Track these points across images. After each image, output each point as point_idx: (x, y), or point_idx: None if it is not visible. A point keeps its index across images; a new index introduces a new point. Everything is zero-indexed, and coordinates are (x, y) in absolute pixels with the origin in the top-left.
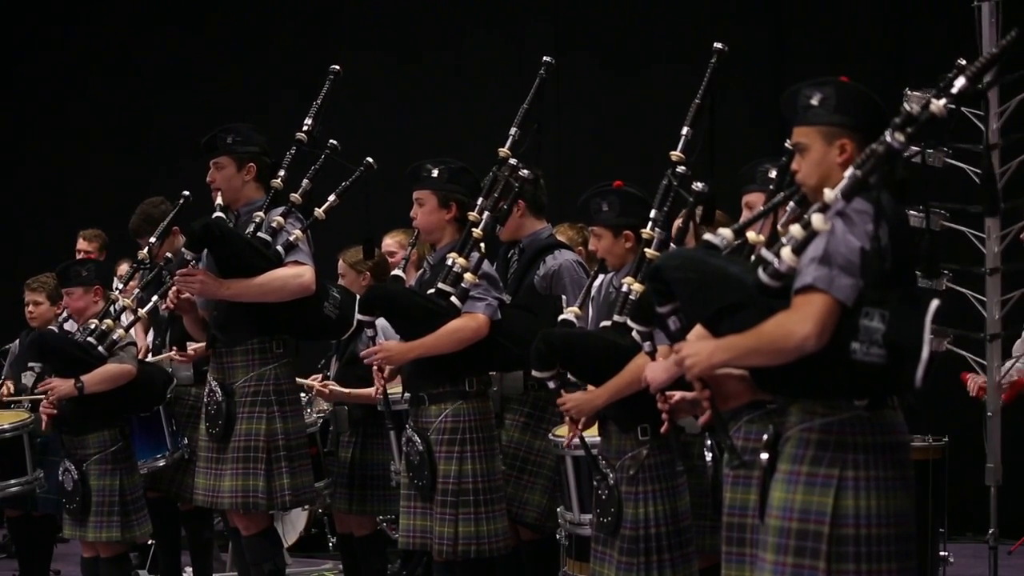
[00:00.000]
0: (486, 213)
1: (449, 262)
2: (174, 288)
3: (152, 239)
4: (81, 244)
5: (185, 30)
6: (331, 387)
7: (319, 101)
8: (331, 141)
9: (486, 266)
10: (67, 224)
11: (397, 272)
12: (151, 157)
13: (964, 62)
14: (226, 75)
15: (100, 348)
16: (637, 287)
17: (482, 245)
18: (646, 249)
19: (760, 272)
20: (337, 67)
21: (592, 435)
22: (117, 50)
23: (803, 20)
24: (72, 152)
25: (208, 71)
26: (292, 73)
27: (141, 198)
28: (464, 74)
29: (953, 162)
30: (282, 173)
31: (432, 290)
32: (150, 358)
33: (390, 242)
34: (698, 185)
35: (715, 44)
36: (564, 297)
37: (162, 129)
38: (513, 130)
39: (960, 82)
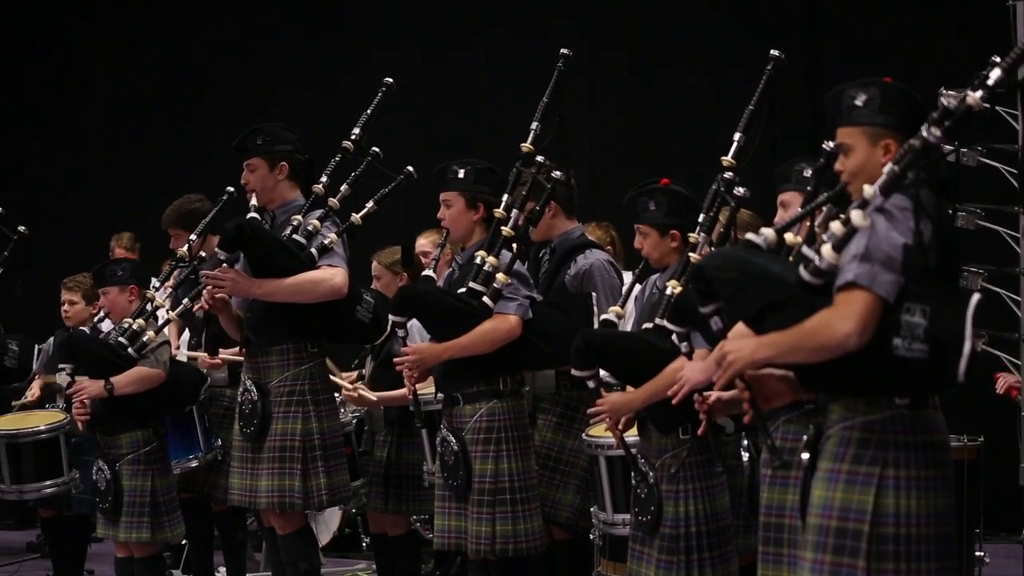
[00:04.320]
0: (514, 211)
1: (479, 261)
2: (208, 288)
3: (192, 236)
4: (113, 245)
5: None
6: (360, 392)
7: (369, 112)
8: (373, 148)
9: (517, 265)
10: (103, 224)
11: (428, 272)
12: (185, 157)
13: (998, 58)
14: (249, 73)
15: (130, 349)
16: (680, 290)
17: (514, 245)
18: (690, 253)
19: (802, 270)
20: (391, 80)
21: (632, 435)
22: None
23: (837, 24)
24: (108, 152)
25: (232, 70)
26: (318, 69)
27: (176, 198)
28: (491, 74)
29: (988, 161)
30: (324, 179)
31: (463, 289)
32: (184, 358)
33: (424, 242)
34: (740, 190)
35: (772, 51)
36: (595, 294)
37: (197, 128)
38: (535, 124)
39: (995, 74)
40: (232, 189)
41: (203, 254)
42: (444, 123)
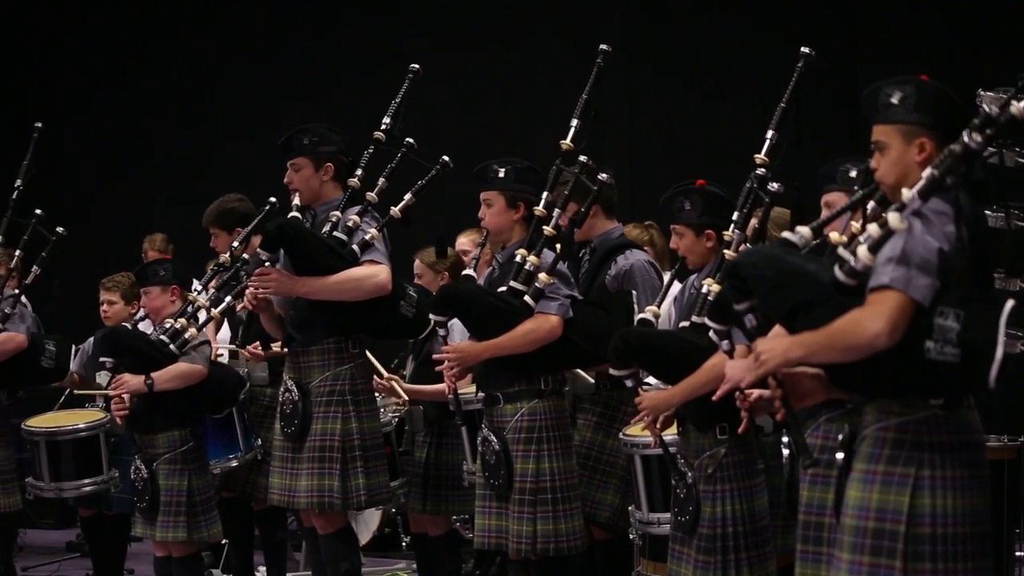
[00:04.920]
0: (555, 210)
1: (519, 259)
2: (251, 287)
3: (235, 243)
4: (146, 247)
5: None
6: (393, 383)
7: (398, 100)
8: (407, 139)
9: (558, 264)
10: (139, 224)
11: (468, 271)
12: (222, 158)
13: None
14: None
15: (172, 346)
16: (716, 288)
17: (558, 245)
18: (726, 251)
19: (836, 270)
20: (416, 66)
21: (670, 434)
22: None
23: (874, 22)
24: (145, 152)
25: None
26: (359, 65)
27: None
28: (531, 72)
29: None
30: (359, 172)
31: (504, 288)
32: (224, 357)
33: (464, 241)
34: (774, 186)
35: (802, 49)
36: (635, 293)
37: (235, 129)
38: (574, 122)
39: None
40: (274, 200)
41: (246, 255)
42: (482, 120)
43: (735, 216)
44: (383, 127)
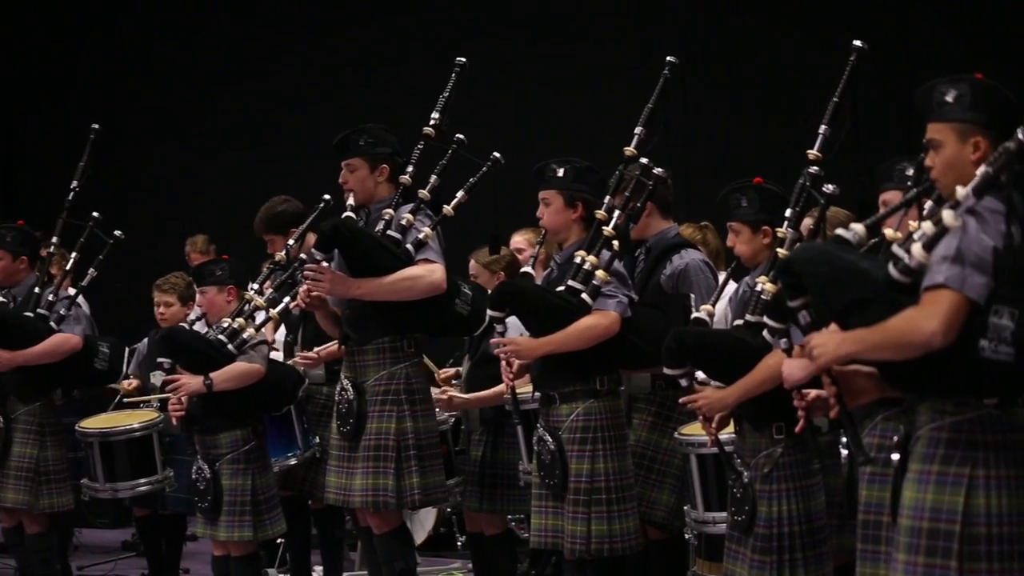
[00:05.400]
0: (616, 211)
1: (578, 260)
2: (304, 287)
3: (290, 241)
4: (188, 249)
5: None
6: (450, 394)
7: (446, 94)
8: (457, 135)
9: (616, 264)
10: (188, 225)
11: (526, 269)
12: (270, 159)
13: None
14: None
15: (230, 346)
16: (770, 287)
17: (614, 243)
18: (779, 250)
19: (890, 267)
20: (463, 59)
21: (726, 433)
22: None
23: (929, 19)
24: (200, 152)
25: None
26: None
27: (264, 199)
28: (591, 72)
29: None
30: (410, 169)
31: (562, 287)
32: (280, 357)
33: (518, 239)
34: (828, 187)
35: (854, 42)
36: (693, 295)
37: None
38: (638, 129)
39: None
40: (328, 197)
41: (303, 256)
42: (544, 121)
43: (788, 213)
44: (432, 122)
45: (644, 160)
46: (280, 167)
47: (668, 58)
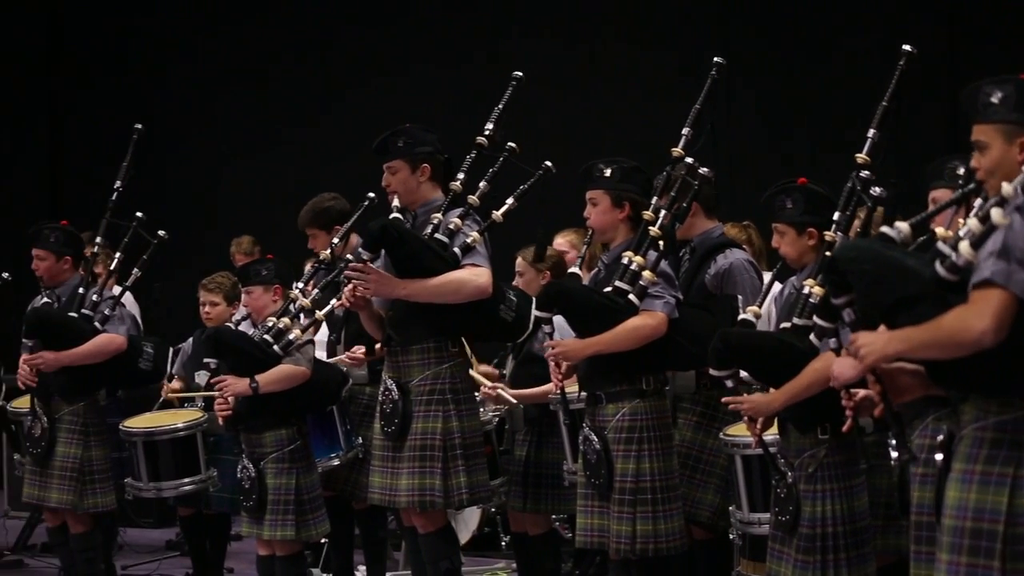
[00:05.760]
0: (662, 212)
1: (625, 260)
2: (349, 286)
3: (335, 240)
4: (233, 250)
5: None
6: (499, 390)
7: (501, 107)
8: (509, 143)
9: (663, 264)
10: (232, 226)
11: (574, 270)
12: (314, 158)
13: None
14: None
15: (276, 347)
16: (818, 290)
17: (660, 243)
18: (827, 252)
19: (937, 265)
20: (520, 74)
21: (770, 434)
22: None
23: (975, 20)
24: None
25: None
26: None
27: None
28: (635, 72)
29: None
30: (461, 176)
31: (609, 288)
32: (323, 357)
33: (561, 241)
34: (876, 189)
35: (903, 47)
36: (740, 297)
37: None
38: (686, 130)
39: None
40: (373, 195)
41: (349, 256)
42: (589, 122)
43: (836, 216)
44: (486, 133)
45: (689, 160)
46: (326, 166)
47: (715, 59)
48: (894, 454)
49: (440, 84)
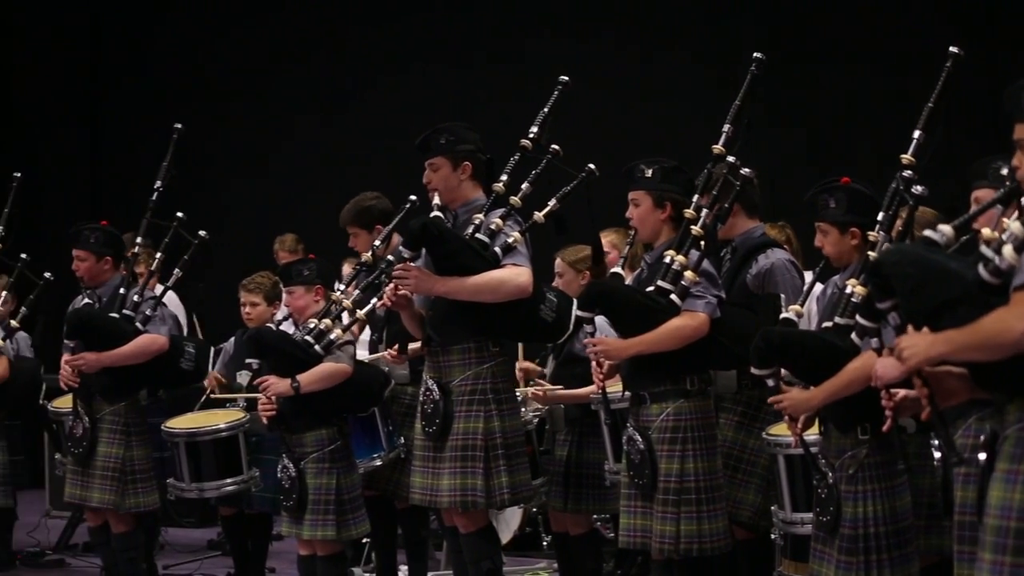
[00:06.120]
0: (704, 211)
1: (667, 260)
2: (391, 285)
3: (376, 242)
4: (276, 248)
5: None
6: (546, 388)
7: (546, 110)
8: (553, 146)
9: (705, 264)
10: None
11: (616, 270)
12: (353, 159)
13: None
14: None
15: (317, 347)
16: (860, 289)
17: (702, 243)
18: (870, 252)
19: (980, 268)
20: (567, 78)
21: (812, 434)
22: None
23: (1016, 19)
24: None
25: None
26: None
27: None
28: (677, 71)
29: None
30: (504, 178)
31: (651, 288)
32: (366, 357)
33: (604, 241)
34: (918, 188)
35: (951, 48)
36: (783, 296)
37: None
38: (726, 127)
39: None
40: (415, 197)
41: (390, 257)
42: (631, 122)
43: (880, 216)
44: (530, 136)
45: (731, 159)
46: (368, 165)
47: (755, 55)
48: (937, 454)
49: (484, 81)
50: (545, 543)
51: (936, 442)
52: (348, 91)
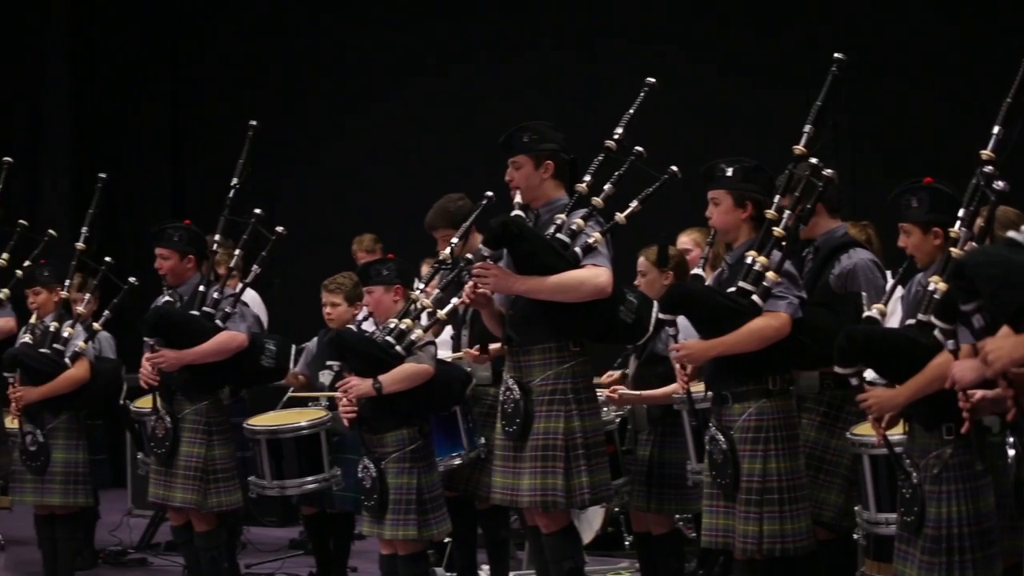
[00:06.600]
0: (786, 212)
1: (749, 260)
2: (470, 283)
3: (454, 240)
4: (355, 248)
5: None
6: (621, 391)
7: (631, 112)
8: (636, 148)
9: (787, 264)
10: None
11: (697, 271)
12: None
13: None
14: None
15: (398, 348)
16: (942, 286)
17: (783, 243)
18: (952, 249)
19: None
20: (653, 80)
21: (896, 433)
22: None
23: None
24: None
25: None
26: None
27: (430, 197)
28: (755, 72)
29: None
30: (587, 178)
31: (732, 289)
32: (448, 356)
33: (685, 240)
34: (999, 184)
35: None
36: (865, 294)
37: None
38: (807, 127)
39: None
40: (491, 194)
41: (470, 255)
42: (710, 122)
43: (961, 213)
44: (615, 137)
45: (814, 160)
46: (447, 164)
47: (836, 55)
48: (1011, 451)
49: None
50: (627, 543)
51: (1011, 439)
52: (425, 90)
